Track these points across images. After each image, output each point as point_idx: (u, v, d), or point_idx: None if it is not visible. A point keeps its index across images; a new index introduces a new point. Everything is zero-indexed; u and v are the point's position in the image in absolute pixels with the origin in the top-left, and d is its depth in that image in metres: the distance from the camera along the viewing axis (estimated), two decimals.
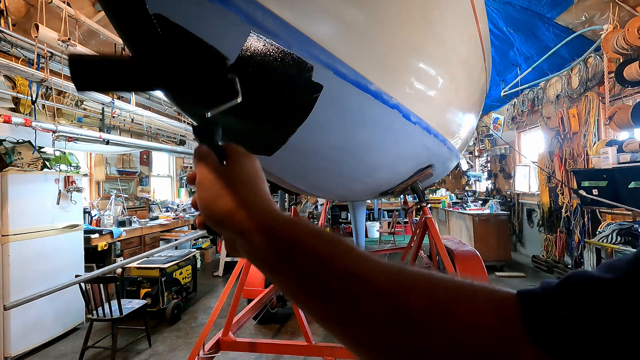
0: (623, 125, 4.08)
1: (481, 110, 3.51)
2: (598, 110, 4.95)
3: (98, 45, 4.73)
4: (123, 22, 0.75)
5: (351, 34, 1.16)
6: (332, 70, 1.12)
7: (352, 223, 4.43)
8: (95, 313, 3.16)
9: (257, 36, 0.94)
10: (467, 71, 2.11)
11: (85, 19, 4.06)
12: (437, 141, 1.94)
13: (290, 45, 1.00)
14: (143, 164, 6.86)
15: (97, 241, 4.43)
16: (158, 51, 0.73)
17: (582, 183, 4.00)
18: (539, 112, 6.48)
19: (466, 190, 9.26)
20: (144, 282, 4.02)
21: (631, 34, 3.65)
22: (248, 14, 0.92)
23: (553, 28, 4.56)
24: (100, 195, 5.66)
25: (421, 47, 1.48)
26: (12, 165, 3.46)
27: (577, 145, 5.36)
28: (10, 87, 3.84)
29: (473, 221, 6.44)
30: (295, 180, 2.15)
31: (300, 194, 3.91)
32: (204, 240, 7.33)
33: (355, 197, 3.36)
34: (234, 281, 2.60)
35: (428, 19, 1.47)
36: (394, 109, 1.43)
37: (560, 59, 5.02)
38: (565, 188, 5.44)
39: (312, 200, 9.99)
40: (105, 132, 4.81)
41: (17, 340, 3.27)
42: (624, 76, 3.99)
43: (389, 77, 1.38)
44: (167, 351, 3.40)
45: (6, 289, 3.22)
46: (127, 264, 3.61)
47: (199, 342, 2.43)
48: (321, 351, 2.60)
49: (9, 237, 3.26)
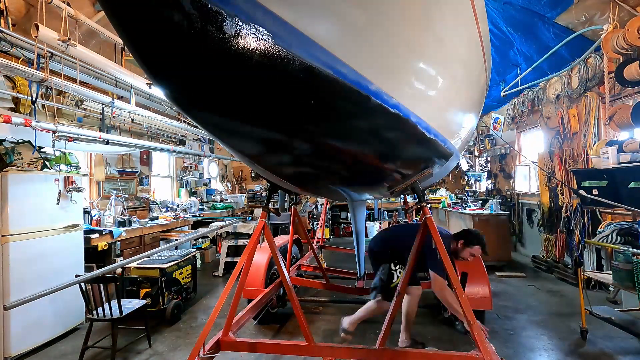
0: (623, 125, 4.08)
1: (481, 110, 3.51)
2: (598, 110, 4.95)
3: (98, 45, 4.72)
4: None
5: (351, 34, 1.16)
6: (332, 70, 1.12)
7: (352, 223, 4.43)
8: (95, 313, 3.16)
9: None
10: (467, 71, 2.11)
11: (85, 19, 4.06)
12: (437, 141, 1.93)
13: (290, 45, 1.00)
14: (143, 164, 6.86)
15: (97, 241, 4.43)
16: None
17: (582, 183, 4.00)
18: (539, 112, 6.48)
19: (466, 190, 9.26)
20: (144, 282, 4.02)
21: (631, 33, 3.65)
22: (248, 14, 0.92)
23: (553, 28, 4.56)
24: (100, 195, 5.66)
25: (421, 47, 1.48)
26: (12, 165, 3.46)
27: (577, 145, 5.36)
28: (10, 87, 3.84)
29: (473, 221, 6.44)
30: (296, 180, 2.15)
31: (300, 194, 3.92)
32: (204, 240, 7.34)
33: (355, 196, 3.36)
34: (234, 281, 2.60)
35: (428, 19, 1.47)
36: (394, 108, 1.42)
37: (560, 59, 5.02)
38: (565, 188, 5.44)
39: (312, 200, 9.99)
40: (105, 132, 4.80)
41: (17, 340, 3.27)
42: (624, 76, 3.99)
43: (389, 77, 1.38)
44: (167, 351, 3.40)
45: (6, 289, 3.21)
46: (127, 264, 3.62)
47: (199, 342, 2.42)
48: (321, 351, 2.60)
49: (9, 237, 3.25)
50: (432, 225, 2.45)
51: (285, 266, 2.93)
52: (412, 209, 2.75)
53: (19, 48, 3.77)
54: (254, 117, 1.25)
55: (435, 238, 2.40)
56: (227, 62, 0.94)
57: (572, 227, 5.28)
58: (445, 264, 2.30)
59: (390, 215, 10.13)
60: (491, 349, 2.24)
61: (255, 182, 11.58)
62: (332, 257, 7.08)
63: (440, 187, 10.08)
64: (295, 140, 1.46)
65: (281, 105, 1.19)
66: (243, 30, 0.91)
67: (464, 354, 2.33)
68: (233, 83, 1.04)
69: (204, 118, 1.35)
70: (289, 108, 1.22)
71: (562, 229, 5.57)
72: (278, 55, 0.98)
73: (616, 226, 3.74)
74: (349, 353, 2.55)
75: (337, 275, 5.01)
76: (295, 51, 1.01)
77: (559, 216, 5.66)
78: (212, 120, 1.35)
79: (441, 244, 2.38)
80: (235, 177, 11.57)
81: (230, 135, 1.52)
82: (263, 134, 1.40)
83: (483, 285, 3.31)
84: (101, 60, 4.26)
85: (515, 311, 4.24)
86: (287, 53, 0.99)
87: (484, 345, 2.23)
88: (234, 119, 1.26)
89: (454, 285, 2.33)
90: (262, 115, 1.24)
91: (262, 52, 0.95)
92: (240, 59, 0.94)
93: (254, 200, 11.02)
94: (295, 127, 1.35)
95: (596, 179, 3.80)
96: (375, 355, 2.49)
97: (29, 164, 3.65)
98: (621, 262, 3.14)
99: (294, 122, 1.31)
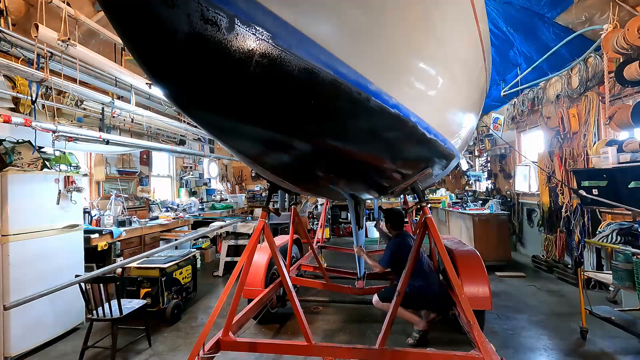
0: (623, 125, 4.07)
1: (481, 110, 3.51)
2: (598, 110, 4.95)
3: (98, 45, 4.72)
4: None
5: (351, 34, 1.16)
6: (332, 70, 1.11)
7: (352, 223, 4.43)
8: (95, 313, 3.16)
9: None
10: (467, 71, 2.11)
11: (85, 19, 4.06)
12: (437, 141, 1.93)
13: (290, 45, 1.00)
14: (143, 164, 6.86)
15: (97, 241, 4.43)
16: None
17: (582, 183, 4.00)
18: (539, 112, 6.48)
19: (466, 190, 9.26)
20: (144, 282, 4.02)
21: (631, 33, 3.64)
22: (248, 14, 0.92)
23: (553, 28, 4.56)
24: (100, 195, 5.66)
25: (421, 47, 1.48)
26: (12, 165, 3.46)
27: (577, 145, 5.36)
28: (10, 87, 3.84)
29: (473, 221, 6.44)
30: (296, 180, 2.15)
31: (300, 194, 3.92)
32: (203, 240, 7.33)
33: (355, 196, 3.36)
34: (234, 281, 2.60)
35: (428, 19, 1.47)
36: (394, 109, 1.42)
37: (560, 59, 5.01)
38: (565, 188, 5.44)
39: (312, 200, 9.99)
40: (105, 132, 4.80)
41: (17, 340, 3.27)
42: (624, 76, 3.99)
43: (389, 77, 1.38)
44: (167, 351, 3.40)
45: (6, 289, 3.21)
46: (127, 264, 3.62)
47: (199, 342, 2.43)
48: (321, 351, 2.60)
49: (9, 237, 3.25)
50: (432, 225, 2.45)
51: (285, 266, 2.94)
52: (412, 209, 2.75)
53: (19, 48, 3.77)
54: (254, 117, 1.25)
55: (435, 238, 2.41)
56: (227, 62, 0.94)
57: (572, 227, 5.28)
58: (445, 264, 2.30)
59: None
60: (491, 349, 2.24)
61: (255, 182, 11.58)
62: (332, 257, 7.08)
63: (440, 187, 10.08)
64: (295, 140, 1.46)
65: (281, 105, 1.19)
66: (243, 31, 0.91)
67: (464, 354, 2.33)
68: (233, 83, 1.04)
69: (203, 118, 1.35)
70: (288, 108, 1.21)
71: (562, 229, 5.57)
72: (278, 55, 0.98)
73: (616, 226, 3.74)
74: (349, 353, 2.55)
75: (337, 275, 5.01)
76: (295, 51, 1.01)
77: (559, 216, 5.66)
78: (211, 120, 1.35)
79: (441, 244, 2.39)
80: (235, 177, 11.57)
81: (230, 136, 1.52)
82: (263, 134, 1.39)
83: (483, 285, 3.31)
84: (101, 60, 4.26)
85: (515, 311, 4.24)
86: (287, 53, 0.99)
87: (484, 345, 2.23)
88: (233, 119, 1.26)
89: (454, 285, 2.33)
90: (262, 115, 1.24)
91: (262, 52, 0.95)
92: (240, 59, 0.94)
93: (254, 200, 11.02)
94: (295, 127, 1.35)
95: (596, 179, 3.80)
96: (375, 355, 2.49)
97: (29, 164, 3.65)
98: (621, 262, 3.14)
99: (294, 122, 1.31)
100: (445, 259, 2.33)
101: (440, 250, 2.38)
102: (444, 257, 2.33)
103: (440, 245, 2.40)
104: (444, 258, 2.33)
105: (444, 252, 2.36)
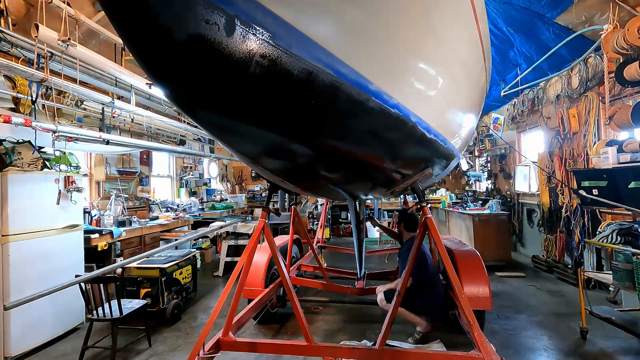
0: (623, 125, 4.07)
1: (481, 110, 3.51)
2: (598, 110, 4.95)
3: (98, 45, 4.73)
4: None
5: (351, 34, 1.16)
6: (332, 70, 1.11)
7: (352, 223, 4.43)
8: (95, 313, 3.16)
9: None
10: (467, 71, 2.11)
11: (85, 19, 4.06)
12: (437, 141, 1.94)
13: (290, 45, 1.00)
14: (143, 164, 6.86)
15: (97, 241, 4.43)
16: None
17: (582, 183, 4.00)
18: (539, 112, 6.48)
19: (466, 190, 9.26)
20: (144, 282, 4.02)
21: (631, 33, 3.64)
22: (249, 14, 0.92)
23: (553, 28, 4.56)
24: (100, 195, 5.66)
25: (421, 48, 1.48)
26: (12, 165, 3.46)
27: (577, 145, 5.36)
28: (10, 87, 3.84)
29: (473, 221, 6.44)
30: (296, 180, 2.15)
31: (300, 194, 3.92)
32: (203, 240, 7.33)
33: (355, 197, 3.36)
34: (234, 281, 2.60)
35: (428, 19, 1.47)
36: (394, 109, 1.42)
37: (560, 59, 5.02)
38: (565, 188, 5.44)
39: (312, 200, 9.99)
40: (105, 132, 4.80)
41: (17, 340, 3.27)
42: (624, 76, 3.99)
43: (389, 77, 1.38)
44: (167, 351, 3.40)
45: (6, 289, 3.22)
46: (127, 264, 3.62)
47: (199, 342, 2.42)
48: (321, 351, 2.60)
49: (9, 237, 3.25)
50: (432, 225, 2.45)
51: (285, 266, 2.94)
52: (412, 209, 2.75)
53: (19, 48, 3.77)
54: (254, 117, 1.25)
55: (435, 238, 2.41)
56: (227, 62, 0.94)
57: (572, 227, 5.28)
58: (445, 264, 2.30)
59: (390, 215, 10.13)
60: (491, 349, 2.24)
61: (255, 182, 11.58)
62: (332, 257, 7.08)
63: (440, 187, 10.08)
64: (295, 140, 1.46)
65: (281, 105, 1.19)
66: (243, 31, 0.91)
67: (464, 354, 2.33)
68: (233, 83, 1.04)
69: (203, 118, 1.35)
70: (288, 108, 1.21)
71: (562, 229, 5.57)
72: (278, 55, 0.98)
73: (616, 226, 3.74)
74: (349, 353, 2.55)
75: (337, 275, 5.01)
76: (295, 51, 1.01)
77: (559, 216, 5.66)
78: (212, 120, 1.35)
79: (441, 244, 2.39)
80: (235, 177, 11.57)
81: (230, 136, 1.52)
82: (263, 134, 1.39)
83: (483, 285, 3.31)
84: (101, 60, 4.26)
85: (515, 311, 4.24)
86: (287, 53, 0.99)
87: (484, 345, 2.23)
88: (234, 119, 1.26)
89: (454, 285, 2.33)
90: (262, 115, 1.24)
91: (262, 52, 0.95)
92: (240, 59, 0.94)
93: (254, 200, 11.02)
94: (295, 127, 1.35)
95: (596, 179, 3.80)
96: (375, 355, 2.49)
97: (29, 164, 3.65)
98: (621, 262, 3.14)
99: (294, 122, 1.31)
100: (446, 259, 2.33)
101: (441, 250, 2.38)
102: (444, 257, 2.33)
103: (440, 245, 2.40)
104: (444, 258, 2.33)
105: (444, 252, 2.36)
